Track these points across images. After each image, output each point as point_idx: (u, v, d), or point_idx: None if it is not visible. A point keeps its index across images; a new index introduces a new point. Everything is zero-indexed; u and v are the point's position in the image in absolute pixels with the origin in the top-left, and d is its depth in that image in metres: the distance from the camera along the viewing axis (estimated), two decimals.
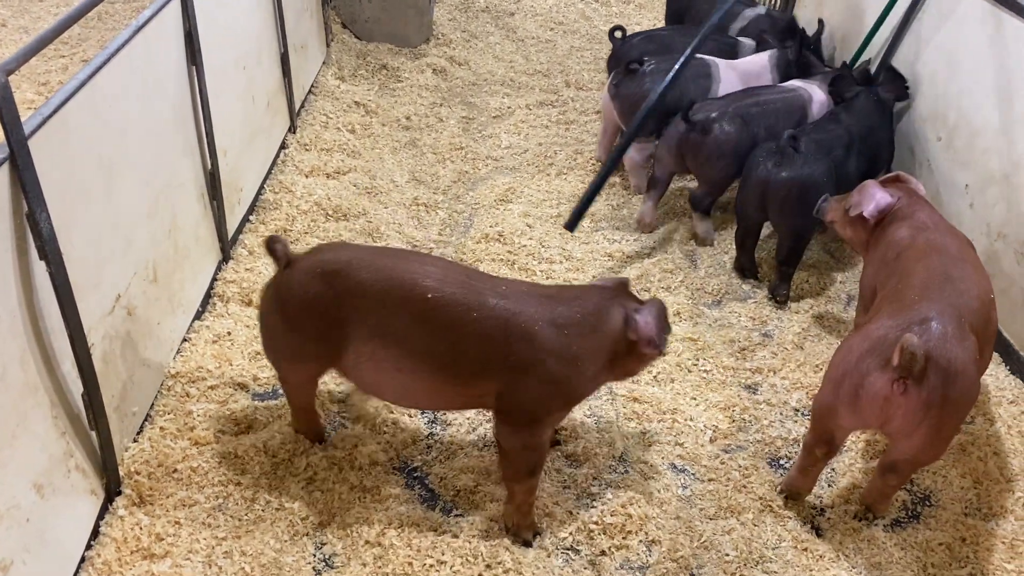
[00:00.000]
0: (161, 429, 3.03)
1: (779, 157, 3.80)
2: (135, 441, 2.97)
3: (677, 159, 4.29)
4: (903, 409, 2.52)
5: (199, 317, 3.57)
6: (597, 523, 2.85)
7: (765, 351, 3.71)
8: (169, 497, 2.82)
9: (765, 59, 4.79)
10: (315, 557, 2.72)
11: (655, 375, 3.52)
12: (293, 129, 5.05)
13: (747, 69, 4.72)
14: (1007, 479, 3.15)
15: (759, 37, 5.10)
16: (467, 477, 2.99)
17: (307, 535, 2.76)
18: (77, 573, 2.55)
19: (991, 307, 2.83)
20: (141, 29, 2.95)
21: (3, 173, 2.14)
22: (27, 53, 2.22)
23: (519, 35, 7.00)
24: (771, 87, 4.48)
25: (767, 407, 3.41)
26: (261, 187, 4.46)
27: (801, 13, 5.88)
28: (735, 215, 4.16)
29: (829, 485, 3.10)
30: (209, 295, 3.70)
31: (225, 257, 3.89)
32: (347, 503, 2.86)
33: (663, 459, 3.15)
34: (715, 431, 3.28)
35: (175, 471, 2.91)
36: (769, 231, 4.36)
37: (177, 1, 3.28)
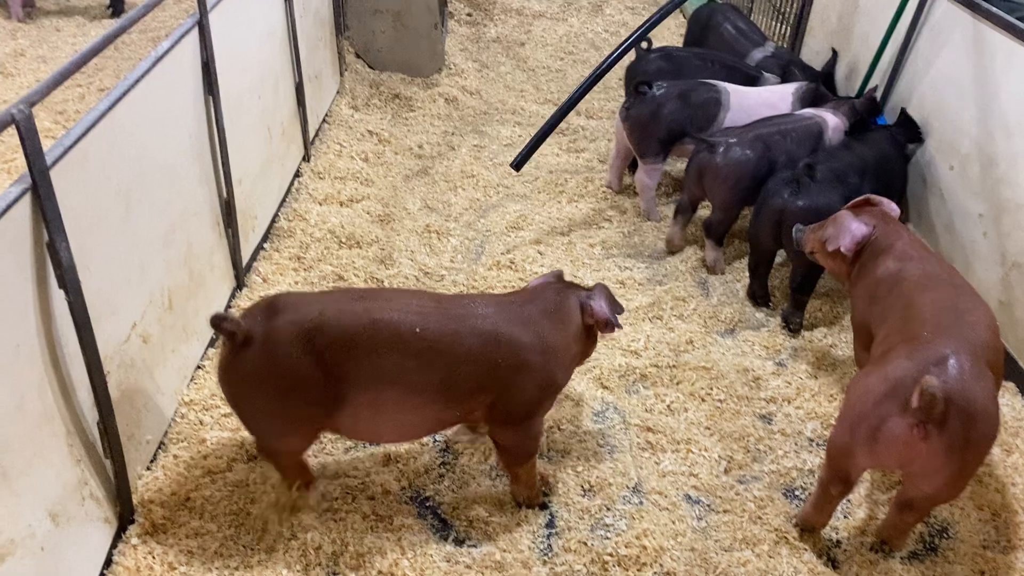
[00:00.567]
0: (175, 457, 3.03)
1: (795, 185, 3.81)
2: (148, 469, 2.97)
3: (698, 184, 4.31)
4: (924, 453, 2.48)
5: (213, 344, 3.58)
6: (612, 555, 2.83)
7: (779, 380, 3.69)
8: (182, 526, 2.81)
9: (789, 91, 4.79)
10: None
11: (668, 404, 3.51)
12: (307, 158, 5.09)
13: (764, 98, 4.72)
14: None
15: (786, 69, 5.11)
16: (480, 507, 2.98)
17: (320, 565, 2.75)
18: None
19: (998, 335, 2.81)
20: (160, 60, 2.98)
21: (25, 203, 2.17)
22: (50, 85, 2.25)
23: (530, 65, 7.06)
24: (789, 115, 4.49)
25: (782, 437, 3.39)
26: (275, 215, 4.49)
27: (810, 43, 5.91)
28: (748, 243, 4.16)
29: (845, 516, 3.07)
30: None
31: (239, 284, 3.91)
32: (360, 532, 2.85)
33: (677, 490, 3.13)
34: (730, 461, 3.26)
35: (188, 499, 2.90)
36: (782, 259, 4.36)
37: (195, 32, 3.32)
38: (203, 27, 3.35)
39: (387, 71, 6.43)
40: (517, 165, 4.71)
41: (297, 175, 4.91)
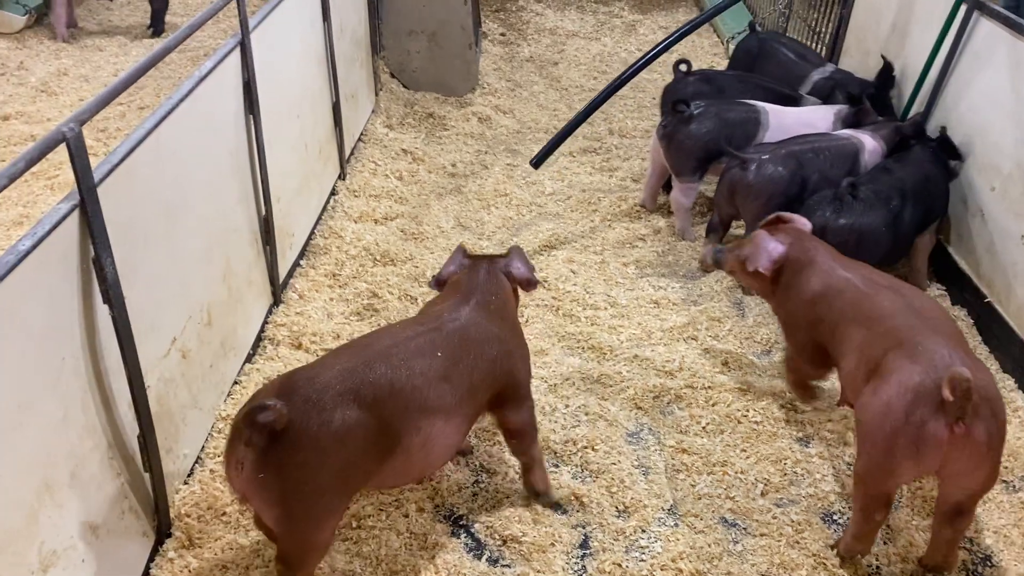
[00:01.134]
0: (211, 472, 3.05)
1: (838, 204, 3.77)
2: (185, 483, 2.99)
3: (730, 201, 4.29)
4: (968, 448, 2.47)
5: (250, 360, 3.61)
6: None
7: (816, 402, 3.64)
8: (217, 540, 2.83)
9: (831, 112, 4.75)
10: None
11: (704, 426, 3.48)
12: (343, 176, 5.14)
13: (803, 118, 4.69)
14: None
15: (835, 90, 5.05)
16: (515, 526, 2.96)
17: None
18: None
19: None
20: (203, 79, 3.03)
21: (73, 220, 2.21)
22: (99, 103, 2.30)
23: (563, 84, 7.09)
24: (824, 134, 4.46)
25: (819, 460, 3.34)
26: (312, 232, 4.54)
27: (846, 63, 5.88)
28: None
29: (885, 542, 3.02)
30: (260, 338, 3.75)
31: (276, 301, 3.94)
32: (394, 550, 2.85)
33: (713, 512, 3.09)
34: (766, 484, 3.22)
35: (224, 514, 2.92)
36: None
37: (237, 52, 3.37)
38: (245, 47, 3.40)
39: (421, 91, 6.49)
40: (536, 163, 4.93)
41: (333, 193, 4.96)
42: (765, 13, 7.84)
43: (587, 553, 2.91)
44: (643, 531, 3.00)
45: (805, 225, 3.43)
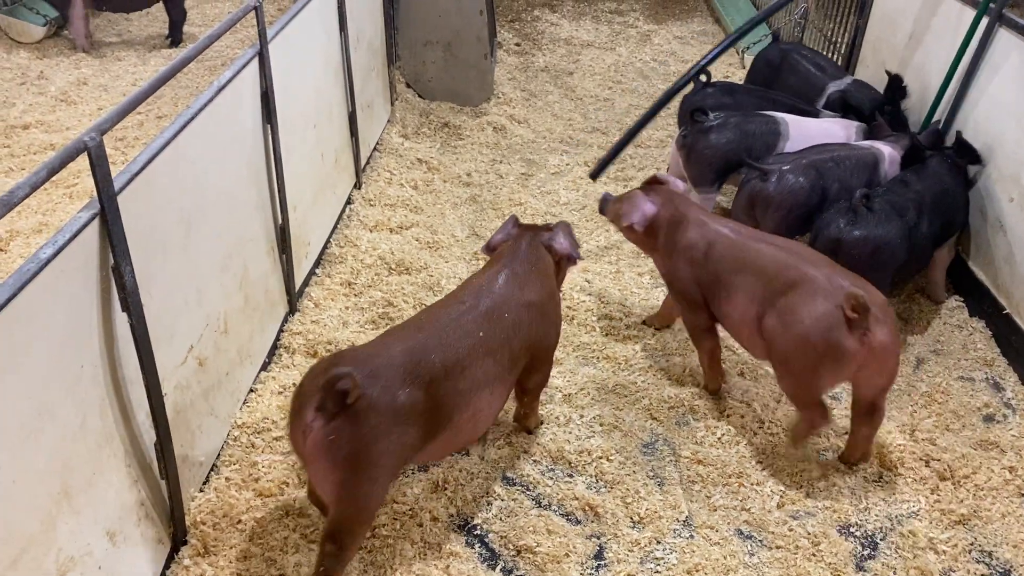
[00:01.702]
0: (227, 479, 3.07)
1: (852, 215, 3.74)
2: (201, 491, 3.00)
3: (749, 212, 4.27)
4: (876, 351, 2.96)
5: (265, 368, 3.63)
6: None
7: (833, 414, 3.62)
8: (232, 548, 2.84)
9: (852, 126, 4.71)
10: None
11: (719, 437, 3.46)
12: (358, 185, 5.17)
13: (825, 129, 4.66)
14: None
15: (850, 103, 5.01)
16: (529, 536, 2.96)
17: None
18: None
19: None
20: (222, 90, 3.06)
21: (93, 228, 2.23)
22: (120, 114, 2.32)
23: (578, 94, 7.10)
24: (844, 144, 4.44)
25: (836, 472, 3.32)
26: (327, 241, 4.56)
27: (862, 73, 5.86)
28: None
29: (899, 556, 2.99)
30: (276, 346, 3.77)
31: (292, 309, 3.96)
32: (408, 560, 2.85)
33: (729, 524, 3.08)
34: (782, 496, 3.20)
35: (239, 522, 2.93)
36: None
37: (255, 63, 3.40)
38: (263, 57, 3.43)
39: (437, 100, 6.52)
40: (594, 175, 5.22)
41: (348, 202, 4.98)
42: (781, 23, 7.83)
43: (602, 564, 2.90)
44: (658, 542, 2.98)
45: (677, 186, 3.78)
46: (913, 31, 5.21)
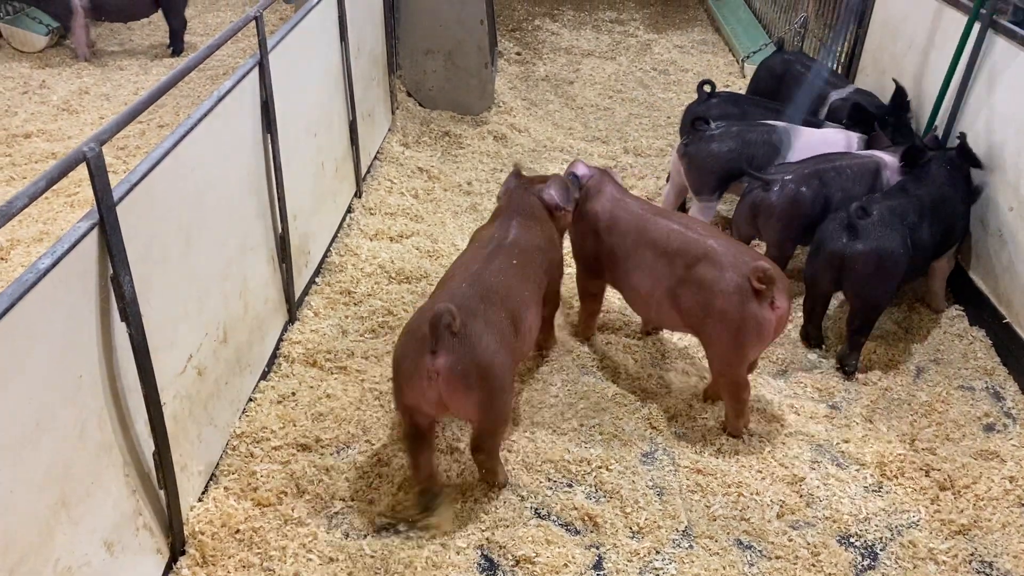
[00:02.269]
0: (225, 489, 3.06)
1: (852, 230, 3.73)
2: (200, 501, 3.00)
3: (751, 222, 4.27)
4: (783, 317, 3.22)
5: (265, 377, 3.63)
6: None
7: (832, 423, 3.62)
8: (231, 558, 2.83)
9: (854, 138, 4.70)
10: None
11: (719, 447, 3.45)
12: (359, 194, 5.17)
13: (827, 139, 4.65)
14: None
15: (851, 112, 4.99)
16: (527, 547, 2.95)
17: None
18: None
19: None
20: (222, 99, 3.07)
21: (92, 238, 2.23)
22: (119, 124, 2.33)
23: (578, 103, 7.12)
24: (846, 152, 4.44)
25: (836, 482, 3.31)
26: (327, 250, 4.56)
27: (862, 82, 5.87)
28: (805, 285, 4.09)
29: (899, 565, 2.98)
30: (275, 355, 3.77)
31: (291, 318, 3.96)
32: (407, 570, 2.84)
33: (728, 534, 3.07)
34: (782, 506, 3.19)
35: (238, 532, 2.92)
36: (837, 300, 4.29)
37: (256, 72, 3.41)
38: (263, 67, 3.44)
39: (438, 109, 6.53)
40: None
41: (349, 211, 4.99)
42: (781, 32, 7.85)
43: (601, 574, 2.89)
44: (657, 552, 2.98)
45: (614, 172, 3.98)
46: (912, 39, 5.22)
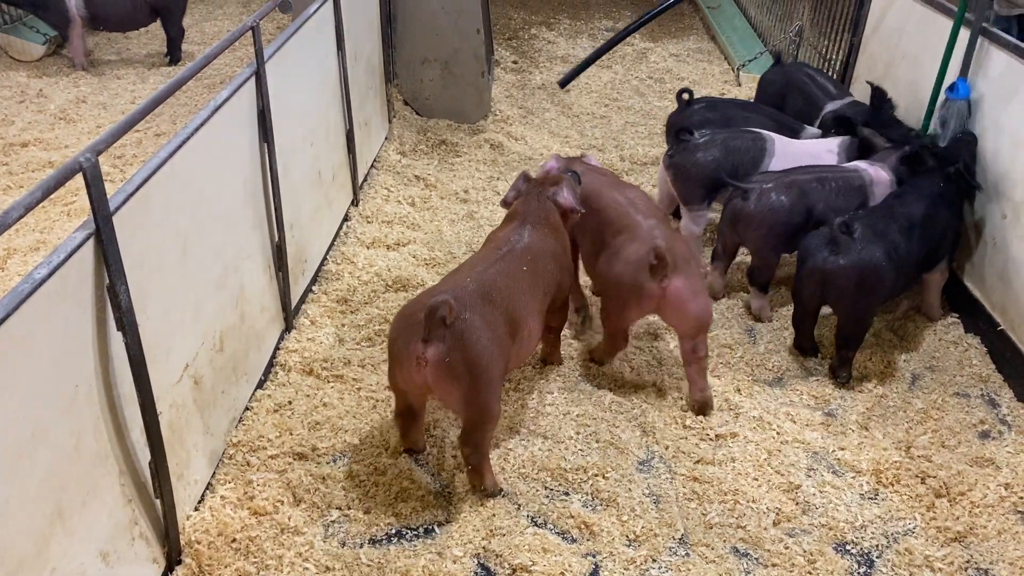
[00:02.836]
0: (222, 498, 3.06)
1: (834, 245, 3.74)
2: (196, 510, 3.00)
3: (733, 230, 4.29)
4: (671, 296, 3.50)
5: (261, 386, 3.63)
6: None
7: (828, 431, 3.63)
8: (227, 567, 2.83)
9: (835, 143, 4.74)
10: None
11: (715, 454, 3.46)
12: (356, 202, 5.18)
13: (809, 149, 4.68)
14: None
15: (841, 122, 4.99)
16: (524, 555, 2.95)
17: None
18: None
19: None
20: (219, 108, 3.07)
21: (88, 248, 2.24)
22: (116, 134, 2.34)
23: (574, 111, 7.13)
24: (832, 165, 4.46)
25: (832, 489, 3.32)
26: (324, 258, 4.57)
27: (857, 90, 5.90)
28: (792, 297, 4.10)
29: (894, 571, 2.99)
30: (271, 364, 3.77)
31: (288, 327, 3.97)
32: None
33: (724, 542, 3.07)
34: (778, 514, 3.19)
35: (234, 541, 2.92)
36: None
37: (252, 81, 3.42)
38: (260, 76, 3.45)
39: (434, 118, 6.55)
40: (563, 83, 6.00)
41: (346, 219, 5.00)
42: (776, 40, 7.89)
43: None
44: (654, 561, 2.98)
45: (589, 159, 4.20)
46: (906, 48, 5.25)
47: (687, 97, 5.15)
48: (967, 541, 3.11)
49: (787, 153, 4.60)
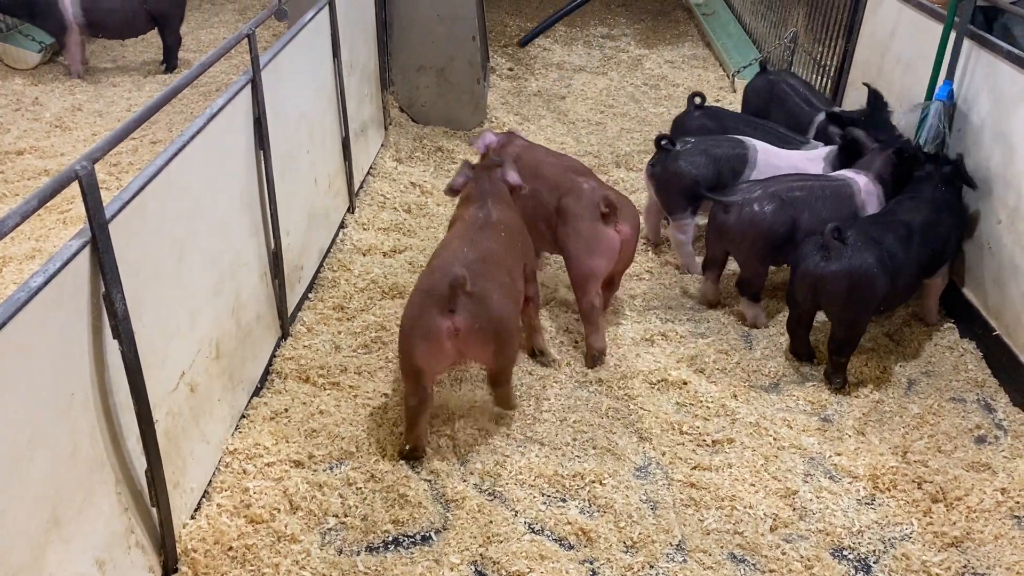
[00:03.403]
0: (218, 506, 3.05)
1: (825, 250, 3.75)
2: (192, 518, 2.99)
3: (718, 242, 4.29)
4: (629, 239, 3.96)
5: (257, 393, 3.62)
6: None
7: (824, 436, 3.63)
8: (224, 575, 2.82)
9: (820, 154, 4.74)
10: None
11: (712, 460, 3.46)
12: (352, 209, 5.19)
13: (793, 159, 4.67)
14: None
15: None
16: (521, 562, 2.95)
17: None
18: None
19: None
20: (215, 116, 3.08)
21: (84, 256, 2.24)
22: (112, 142, 2.34)
23: (570, 118, 7.15)
24: (818, 175, 4.45)
25: (829, 495, 3.32)
26: (320, 265, 4.57)
27: (852, 95, 5.92)
28: (787, 304, 4.11)
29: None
30: (268, 372, 3.76)
31: (284, 334, 3.96)
32: None
33: (722, 548, 3.07)
34: (775, 519, 3.19)
35: (231, 549, 2.92)
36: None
37: (248, 89, 3.42)
38: (255, 84, 3.45)
39: (430, 125, 6.57)
40: (523, 43, 6.45)
41: (342, 226, 5.00)
42: (771, 47, 7.92)
43: None
44: (651, 567, 2.98)
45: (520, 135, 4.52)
46: (900, 54, 5.27)
47: (699, 101, 5.16)
48: (964, 546, 3.11)
49: (770, 163, 4.60)
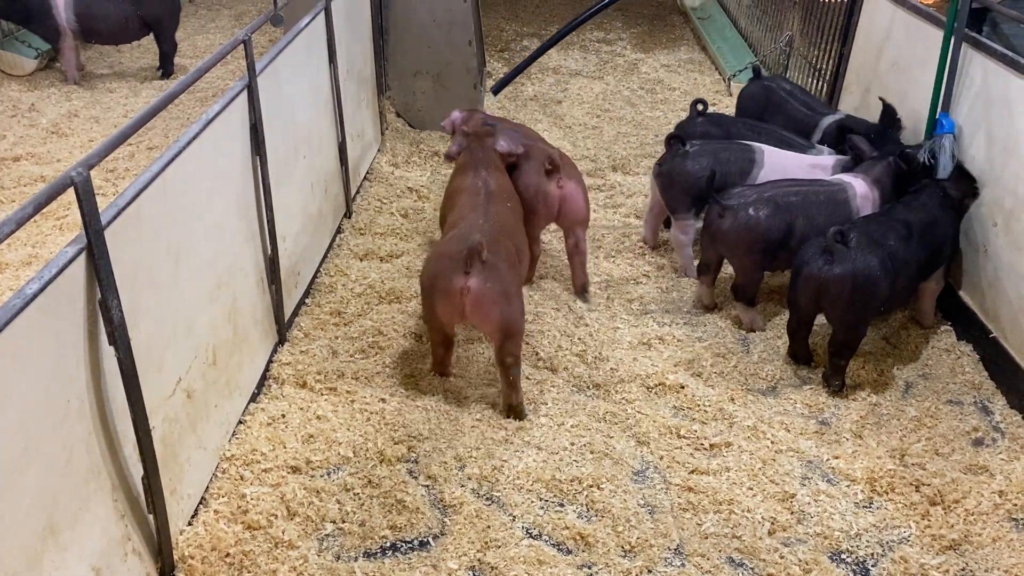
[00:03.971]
0: (215, 512, 3.05)
1: (828, 254, 3.74)
2: (190, 525, 2.98)
3: (714, 246, 4.30)
4: (573, 194, 4.36)
5: (254, 399, 3.62)
6: None
7: (822, 439, 3.63)
8: None
9: (831, 160, 4.72)
10: None
11: (710, 464, 3.46)
12: (348, 214, 5.18)
13: (802, 163, 4.67)
14: None
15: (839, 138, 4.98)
16: (519, 567, 2.94)
17: None
18: None
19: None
20: (211, 122, 3.08)
21: (80, 263, 2.23)
22: (108, 148, 2.34)
23: (566, 122, 7.16)
24: (814, 179, 4.45)
25: (827, 498, 3.32)
26: (317, 271, 4.57)
27: (847, 100, 5.93)
28: (788, 306, 4.11)
29: None
30: (265, 377, 3.76)
31: (281, 340, 3.96)
32: None
33: (720, 552, 3.07)
34: (773, 523, 3.19)
35: (228, 555, 2.91)
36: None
37: (244, 95, 3.42)
38: (252, 90, 3.46)
39: (427, 129, 6.57)
40: (496, 90, 6.51)
41: (339, 231, 5.00)
42: (767, 51, 7.93)
43: None
44: (649, 571, 2.97)
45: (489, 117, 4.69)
46: (896, 58, 5.28)
47: (702, 107, 5.17)
48: (962, 549, 3.11)
49: (776, 166, 4.61)
